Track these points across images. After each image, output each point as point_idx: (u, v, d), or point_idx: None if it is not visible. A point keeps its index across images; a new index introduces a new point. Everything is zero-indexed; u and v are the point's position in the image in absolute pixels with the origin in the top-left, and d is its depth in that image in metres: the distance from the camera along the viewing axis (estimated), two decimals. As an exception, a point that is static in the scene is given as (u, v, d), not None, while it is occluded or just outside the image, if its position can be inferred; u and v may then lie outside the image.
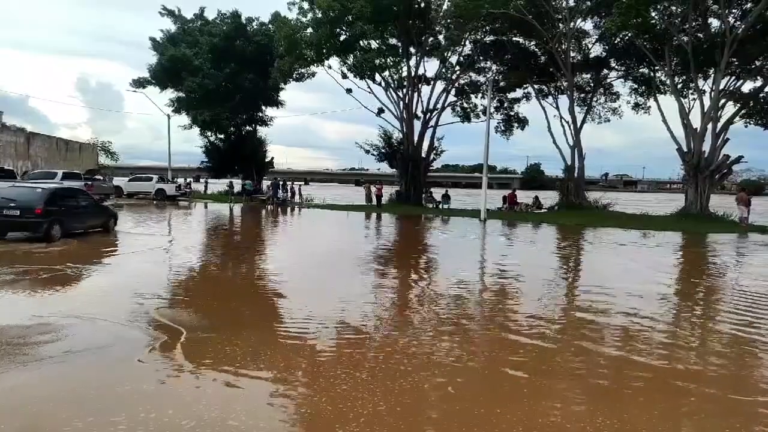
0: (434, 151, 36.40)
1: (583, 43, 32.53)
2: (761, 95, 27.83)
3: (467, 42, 33.54)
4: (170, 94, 41.18)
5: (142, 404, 4.20)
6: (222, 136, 42.47)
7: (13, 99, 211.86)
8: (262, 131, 44.05)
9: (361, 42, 32.70)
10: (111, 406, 4.14)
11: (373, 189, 35.31)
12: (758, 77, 27.48)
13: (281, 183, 36.86)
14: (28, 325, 6.12)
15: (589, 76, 33.88)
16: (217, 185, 47.13)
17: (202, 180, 47.22)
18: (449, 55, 34.62)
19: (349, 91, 35.84)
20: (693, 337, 6.97)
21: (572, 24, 30.23)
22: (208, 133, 42.17)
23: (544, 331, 6.74)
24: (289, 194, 36.83)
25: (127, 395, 4.41)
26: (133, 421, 3.86)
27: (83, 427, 3.77)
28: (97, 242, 13.91)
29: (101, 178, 33.44)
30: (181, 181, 42.74)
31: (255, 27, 40.24)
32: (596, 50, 32.36)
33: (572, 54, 31.29)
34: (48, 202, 13.12)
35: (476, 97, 36.60)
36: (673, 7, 26.53)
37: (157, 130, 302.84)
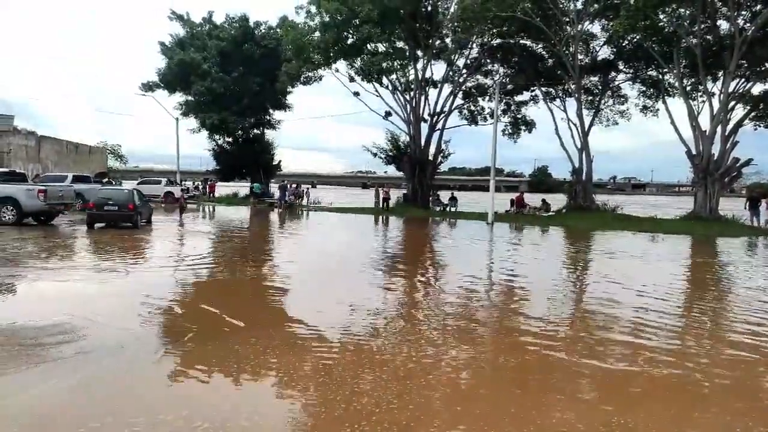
0: (441, 154, 36.35)
1: (591, 45, 32.41)
2: (771, 97, 27.65)
3: (474, 45, 33.54)
4: (179, 97, 41.52)
5: (157, 405, 4.26)
6: (230, 140, 42.65)
7: (24, 103, 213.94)
8: (269, 134, 44.27)
9: (368, 45, 32.77)
10: (127, 408, 4.20)
11: (381, 192, 35.36)
12: (768, 79, 27.32)
13: (288, 186, 36.99)
14: (41, 326, 6.18)
15: (596, 78, 33.73)
16: (226, 188, 47.43)
17: (209, 183, 47.35)
18: (456, 58, 34.61)
19: (356, 94, 35.94)
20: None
21: (580, 26, 30.14)
22: (217, 137, 42.37)
23: (553, 335, 6.74)
24: (296, 197, 36.92)
25: (142, 396, 4.47)
26: (150, 423, 3.91)
27: (100, 428, 3.82)
28: (156, 228, 19.09)
29: (111, 181, 33.68)
30: (189, 184, 42.96)
31: (263, 31, 40.44)
32: (604, 53, 32.24)
33: (580, 57, 31.17)
34: (135, 201, 18.09)
35: (483, 100, 36.59)
36: (682, 10, 26.42)
37: (165, 134, 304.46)
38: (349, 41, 32.32)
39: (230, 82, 38.23)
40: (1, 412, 4.10)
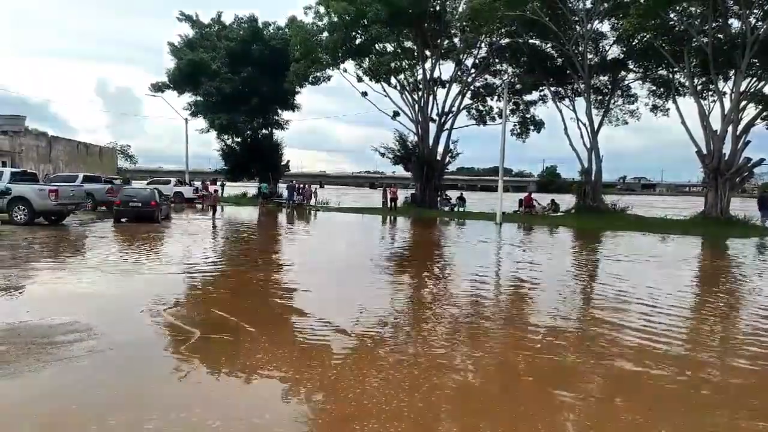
0: (449, 154, 36.32)
1: (600, 44, 32.20)
2: (783, 97, 27.31)
3: (483, 44, 33.50)
4: (188, 98, 41.76)
5: (171, 404, 4.29)
6: (239, 140, 42.83)
7: (35, 103, 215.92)
8: (278, 134, 44.45)
9: (376, 45, 32.84)
10: (140, 406, 4.23)
11: (388, 192, 35.35)
12: (780, 78, 26.99)
13: (297, 186, 37.11)
14: (53, 325, 6.23)
15: (606, 78, 33.53)
16: (235, 188, 47.62)
17: (218, 183, 47.59)
18: (465, 57, 34.57)
19: (364, 94, 35.99)
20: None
21: (589, 26, 29.99)
22: (225, 137, 42.56)
23: (559, 335, 6.70)
24: (304, 197, 37.00)
25: (155, 395, 4.52)
26: (164, 421, 3.94)
27: (115, 426, 3.85)
28: (175, 223, 21.68)
29: (120, 181, 33.86)
30: (198, 184, 43.11)
31: (271, 31, 40.59)
32: (614, 52, 32.01)
33: (589, 56, 31.00)
34: (156, 198, 20.64)
35: (492, 100, 36.54)
36: (693, 8, 26.19)
37: (174, 134, 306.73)
38: (357, 41, 32.38)
39: (239, 82, 38.39)
40: (15, 409, 4.15)
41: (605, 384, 5.10)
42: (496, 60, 34.48)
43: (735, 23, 26.86)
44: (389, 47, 33.43)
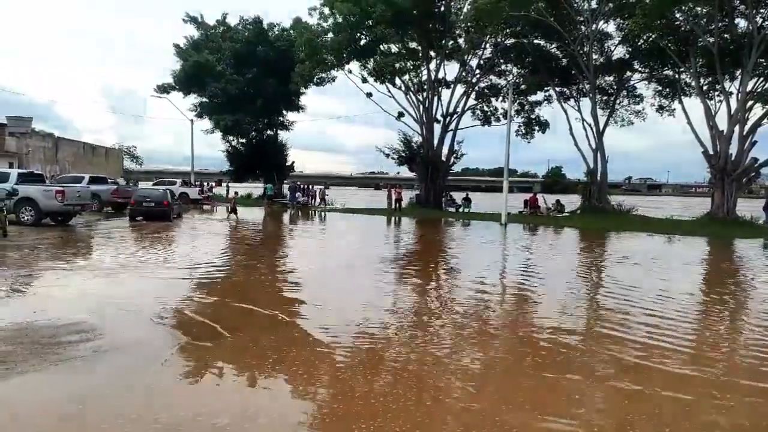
0: (454, 155, 36.25)
1: (606, 45, 32.08)
2: (790, 97, 27.14)
3: (487, 45, 33.46)
4: (193, 99, 41.89)
5: (177, 404, 4.32)
6: (244, 141, 42.93)
7: (41, 105, 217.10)
8: (283, 135, 44.56)
9: (381, 46, 32.86)
10: (146, 406, 4.26)
11: (393, 193, 35.31)
12: (787, 78, 26.82)
13: (299, 186, 37.17)
14: (59, 325, 6.26)
15: (611, 78, 33.39)
16: (240, 189, 47.75)
17: (223, 184, 47.74)
18: (469, 58, 34.55)
19: (369, 95, 36.00)
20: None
21: (594, 26, 29.90)
22: (230, 138, 42.66)
23: (563, 337, 6.69)
24: (310, 198, 37.01)
25: (161, 395, 4.54)
26: (171, 420, 3.96)
27: (123, 424, 3.87)
28: (187, 222, 22.90)
29: (126, 182, 34.01)
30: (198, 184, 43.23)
31: (276, 32, 40.69)
32: (619, 52, 31.91)
33: (594, 56, 30.90)
34: (168, 198, 22.07)
35: (497, 100, 36.42)
36: (699, 8, 26.06)
37: (180, 135, 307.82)
38: (362, 42, 32.42)
39: (244, 83, 38.51)
40: (22, 409, 4.17)
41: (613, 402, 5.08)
42: (501, 60, 34.39)
43: (741, 23, 26.78)
44: (394, 48, 33.46)
